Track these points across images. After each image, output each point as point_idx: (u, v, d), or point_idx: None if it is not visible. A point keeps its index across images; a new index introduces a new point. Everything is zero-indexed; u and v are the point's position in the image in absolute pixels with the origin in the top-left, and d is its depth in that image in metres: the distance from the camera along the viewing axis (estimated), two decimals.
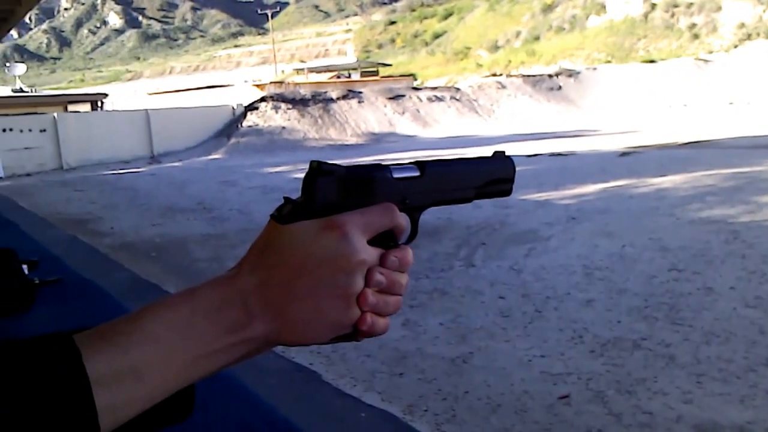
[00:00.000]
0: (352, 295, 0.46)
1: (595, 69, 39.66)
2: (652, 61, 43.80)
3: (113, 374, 0.40)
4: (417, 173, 0.53)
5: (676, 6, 63.05)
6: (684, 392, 2.95)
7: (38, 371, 0.38)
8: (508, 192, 0.61)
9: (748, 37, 53.05)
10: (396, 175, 0.51)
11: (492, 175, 0.59)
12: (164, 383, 0.43)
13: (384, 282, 0.48)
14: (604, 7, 69.50)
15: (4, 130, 17.99)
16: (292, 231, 0.46)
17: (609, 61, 50.07)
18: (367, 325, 0.47)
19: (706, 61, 41.98)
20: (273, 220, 0.48)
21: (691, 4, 61.63)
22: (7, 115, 20.31)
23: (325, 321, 0.47)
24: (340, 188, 0.48)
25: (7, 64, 27.45)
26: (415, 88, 31.67)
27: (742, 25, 54.82)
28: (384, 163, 0.52)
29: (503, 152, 0.61)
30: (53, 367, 0.38)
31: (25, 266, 1.99)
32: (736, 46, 51.59)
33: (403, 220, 0.50)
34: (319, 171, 0.48)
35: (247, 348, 0.46)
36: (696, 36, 57.91)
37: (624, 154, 13.29)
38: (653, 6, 64.87)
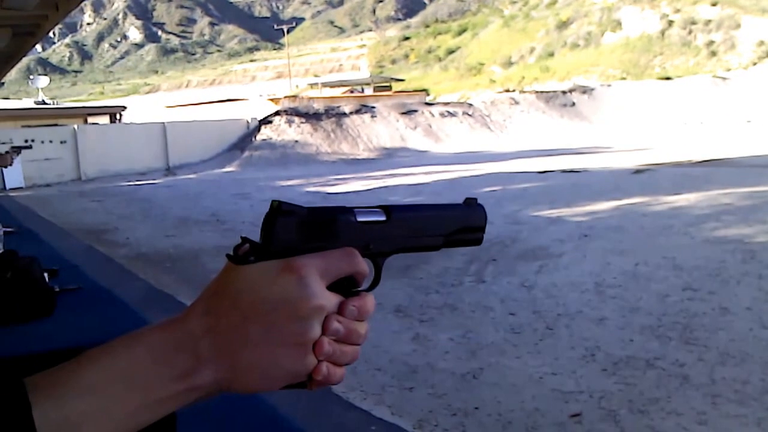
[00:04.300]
0: (308, 343, 0.44)
1: (609, 86, 39.61)
2: (668, 78, 43.67)
3: (45, 429, 0.37)
4: (383, 218, 0.50)
5: (693, 23, 62.91)
6: (698, 413, 2.92)
7: None
8: (478, 241, 0.58)
9: (767, 54, 52.72)
10: (360, 219, 0.49)
11: (462, 223, 0.56)
12: None
13: (341, 331, 0.45)
14: (620, 23, 69.54)
15: (26, 141, 18.33)
16: (248, 272, 0.44)
17: (624, 78, 50.01)
18: (322, 375, 0.45)
19: (723, 78, 41.76)
20: (228, 260, 0.45)
21: (709, 21, 61.48)
22: (29, 126, 20.70)
23: (279, 369, 0.44)
24: (300, 230, 0.46)
25: (31, 77, 28.03)
26: (428, 104, 31.79)
27: (762, 43, 54.52)
28: (348, 206, 0.50)
29: (475, 199, 0.58)
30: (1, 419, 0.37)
31: (46, 274, 2.04)
32: (755, 64, 51.30)
33: (364, 266, 0.48)
34: (279, 211, 0.45)
35: (196, 395, 0.43)
36: (714, 53, 57.68)
37: (638, 171, 13.22)
38: (670, 23, 64.78)
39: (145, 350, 0.42)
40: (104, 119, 25.44)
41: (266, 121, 24.86)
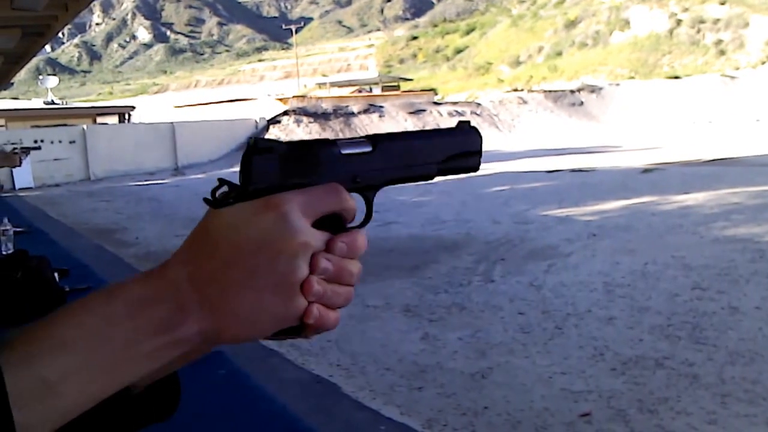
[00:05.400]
0: (295, 283, 0.41)
1: (618, 85, 39.50)
2: (676, 78, 43.48)
3: (21, 392, 0.35)
4: (368, 148, 0.47)
5: (702, 22, 62.56)
6: (708, 412, 2.91)
7: None
8: (475, 167, 0.54)
9: None
10: (344, 151, 0.46)
11: (455, 149, 0.52)
12: (83, 394, 0.37)
13: (331, 269, 0.42)
14: (628, 22, 69.25)
15: (35, 142, 18.46)
16: (226, 214, 0.41)
17: (632, 77, 49.79)
18: (314, 318, 0.42)
19: (732, 77, 41.56)
20: (206, 204, 0.43)
21: (718, 20, 61.12)
22: (39, 126, 20.85)
23: (267, 314, 0.41)
24: (280, 167, 0.43)
25: (40, 77, 28.28)
26: (436, 103, 31.80)
27: None
28: (331, 138, 0.47)
29: (468, 122, 0.55)
30: None
31: (56, 274, 2.06)
32: (763, 63, 50.94)
33: (351, 202, 0.45)
34: (255, 149, 0.42)
35: (181, 349, 0.40)
36: (722, 52, 57.32)
37: (646, 170, 13.16)
38: (679, 22, 64.45)
39: (123, 303, 0.39)
40: (113, 119, 25.60)
41: (275, 120, 24.94)
